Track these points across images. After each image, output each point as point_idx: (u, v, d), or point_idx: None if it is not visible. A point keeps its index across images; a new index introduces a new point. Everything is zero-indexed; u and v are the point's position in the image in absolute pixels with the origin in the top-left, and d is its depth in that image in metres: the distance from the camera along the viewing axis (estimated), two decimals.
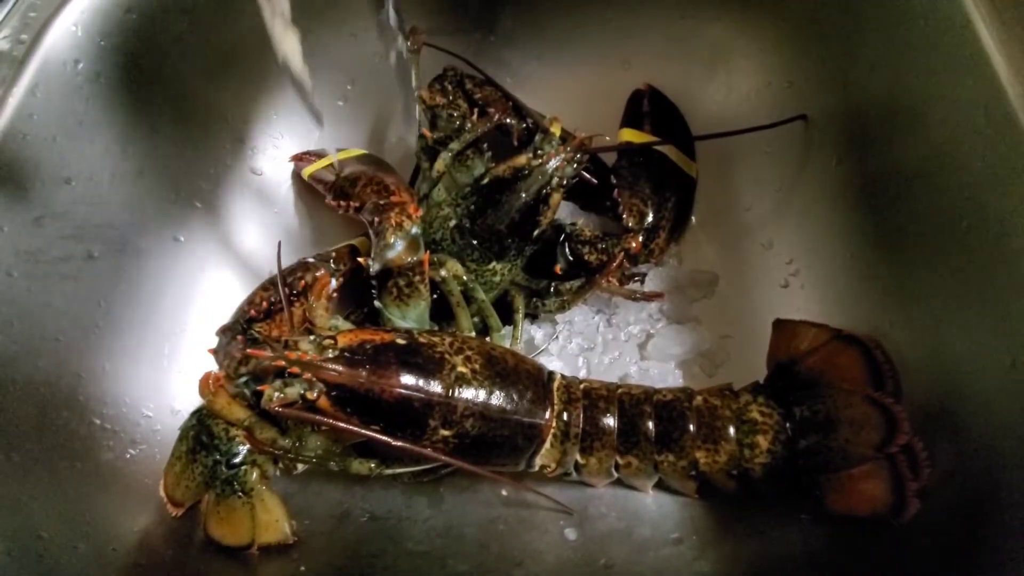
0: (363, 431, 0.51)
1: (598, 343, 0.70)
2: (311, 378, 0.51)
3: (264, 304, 0.64)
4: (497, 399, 0.54)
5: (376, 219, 0.60)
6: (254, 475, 0.57)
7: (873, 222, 0.61)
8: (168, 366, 0.66)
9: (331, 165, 0.72)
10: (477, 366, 0.55)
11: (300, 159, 0.78)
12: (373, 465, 0.56)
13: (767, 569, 0.54)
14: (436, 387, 0.52)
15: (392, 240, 0.59)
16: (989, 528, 0.46)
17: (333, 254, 0.67)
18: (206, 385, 0.57)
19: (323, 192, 0.72)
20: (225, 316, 0.66)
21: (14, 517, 0.50)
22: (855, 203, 0.63)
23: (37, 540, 0.50)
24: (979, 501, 0.47)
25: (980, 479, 0.48)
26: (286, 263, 0.66)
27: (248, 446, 0.57)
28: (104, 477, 0.57)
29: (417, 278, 0.59)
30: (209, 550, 0.56)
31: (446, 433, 0.53)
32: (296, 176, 0.79)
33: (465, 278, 0.62)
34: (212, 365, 0.64)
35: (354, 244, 0.68)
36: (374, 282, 0.60)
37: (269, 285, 0.66)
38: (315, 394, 0.51)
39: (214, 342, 0.63)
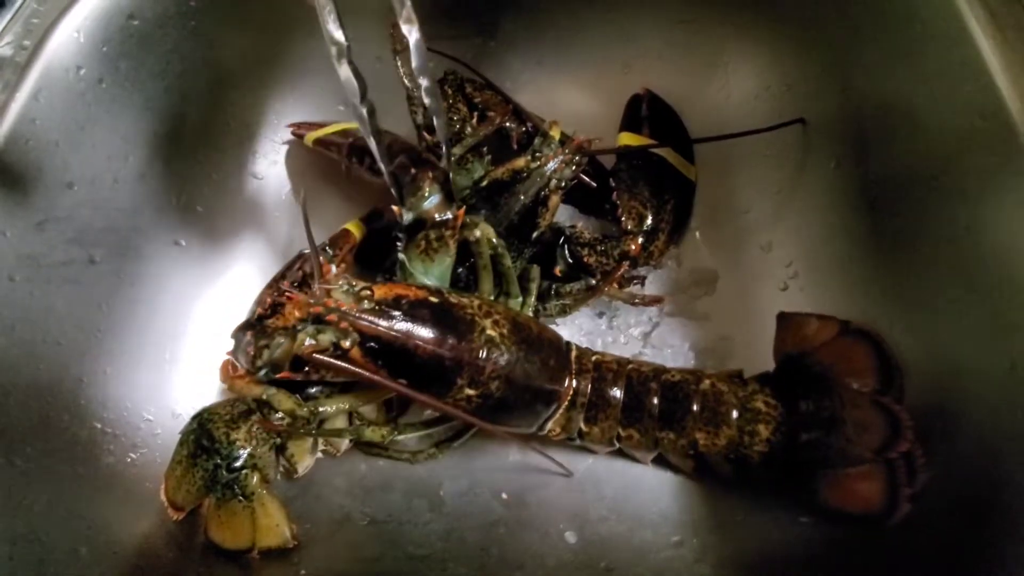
0: (390, 384, 0.52)
1: (599, 345, 0.70)
2: (346, 327, 0.51)
3: (269, 301, 0.64)
4: (522, 364, 0.55)
5: (413, 171, 0.59)
6: (255, 479, 0.57)
7: (871, 225, 0.61)
8: (169, 370, 0.66)
9: (342, 131, 0.71)
10: (505, 330, 0.55)
11: (299, 127, 0.76)
12: (385, 432, 0.57)
13: (767, 572, 0.54)
14: (467, 347, 0.53)
15: (428, 192, 0.58)
16: (990, 530, 0.46)
17: (328, 242, 0.67)
18: (226, 371, 0.58)
19: (334, 155, 0.70)
20: (226, 320, 0.66)
21: (16, 521, 0.50)
22: (854, 206, 0.63)
23: (38, 544, 0.50)
24: (979, 504, 0.47)
25: (980, 482, 0.48)
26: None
27: (249, 449, 0.57)
28: (105, 481, 0.57)
29: (448, 232, 0.59)
30: (210, 554, 0.56)
31: (471, 392, 0.53)
32: (295, 145, 0.77)
33: (496, 242, 0.61)
34: (212, 370, 0.64)
35: (347, 228, 0.68)
36: (404, 232, 0.60)
37: (272, 284, 0.67)
38: (348, 343, 0.51)
39: (215, 347, 0.64)
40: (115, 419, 0.60)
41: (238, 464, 0.56)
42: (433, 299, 0.54)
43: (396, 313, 0.52)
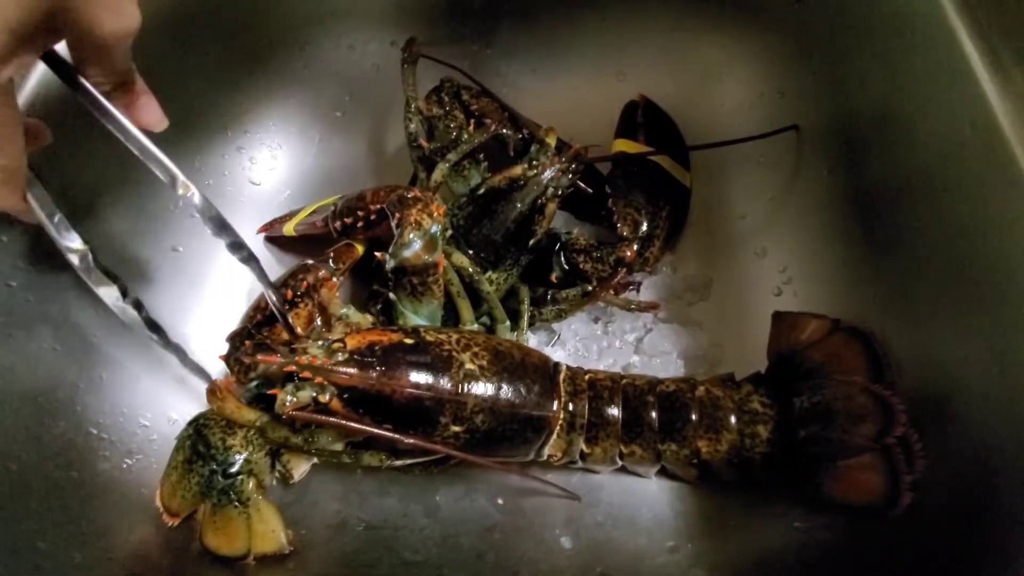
0: (375, 430, 0.52)
1: (594, 350, 0.70)
2: (322, 381, 0.52)
3: (269, 308, 0.64)
4: (506, 394, 0.55)
5: (398, 214, 0.59)
6: (250, 485, 0.57)
7: (864, 230, 0.62)
8: (165, 376, 0.66)
9: (314, 210, 0.71)
10: (485, 362, 0.55)
11: (271, 227, 0.76)
12: (384, 456, 0.57)
13: None
14: (446, 385, 0.53)
15: (409, 238, 0.58)
16: (986, 537, 0.46)
17: (331, 254, 0.67)
18: (213, 394, 0.58)
19: (320, 230, 0.69)
20: (223, 326, 0.66)
21: (11, 527, 0.50)
22: (846, 211, 0.64)
23: (33, 550, 0.50)
24: (972, 509, 0.47)
25: (973, 487, 0.48)
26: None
27: (245, 455, 0.57)
28: (100, 487, 0.57)
29: (431, 279, 0.59)
30: (205, 560, 0.56)
31: (457, 429, 0.54)
32: (274, 240, 0.76)
33: (471, 270, 0.62)
34: (209, 374, 0.64)
35: (351, 242, 0.68)
36: (391, 275, 0.60)
37: (272, 289, 0.67)
38: (327, 397, 0.51)
39: (211, 352, 0.64)
40: (111, 424, 0.60)
41: (234, 470, 0.56)
42: (408, 340, 0.55)
43: (370, 361, 0.52)
